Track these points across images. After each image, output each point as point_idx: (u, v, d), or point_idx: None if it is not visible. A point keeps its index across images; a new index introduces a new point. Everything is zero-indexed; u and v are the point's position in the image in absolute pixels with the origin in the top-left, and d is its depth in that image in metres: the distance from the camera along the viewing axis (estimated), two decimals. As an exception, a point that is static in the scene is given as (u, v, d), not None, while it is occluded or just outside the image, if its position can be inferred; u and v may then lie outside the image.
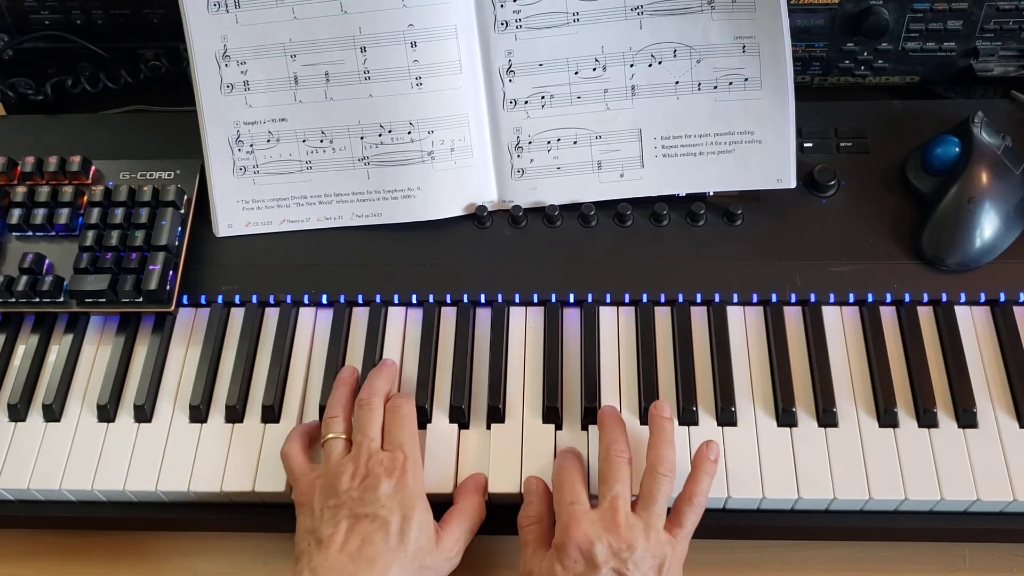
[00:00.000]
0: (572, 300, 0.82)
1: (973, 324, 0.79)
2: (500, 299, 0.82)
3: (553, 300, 0.81)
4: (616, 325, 0.81)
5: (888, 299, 0.80)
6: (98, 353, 0.82)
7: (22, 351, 0.81)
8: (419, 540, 0.67)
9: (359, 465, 0.69)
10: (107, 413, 0.78)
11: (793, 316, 0.80)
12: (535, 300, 0.82)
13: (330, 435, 0.72)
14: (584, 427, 0.76)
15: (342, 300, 0.83)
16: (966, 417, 0.74)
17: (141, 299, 0.81)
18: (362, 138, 0.83)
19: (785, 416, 0.75)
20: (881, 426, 0.75)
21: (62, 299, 0.81)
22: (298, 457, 0.73)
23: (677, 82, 0.82)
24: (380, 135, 0.83)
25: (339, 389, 0.76)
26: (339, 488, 0.68)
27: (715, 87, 0.82)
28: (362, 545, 0.65)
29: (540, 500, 0.71)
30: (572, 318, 0.81)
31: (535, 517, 0.71)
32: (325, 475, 0.70)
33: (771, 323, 0.80)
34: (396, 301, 0.82)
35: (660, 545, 0.66)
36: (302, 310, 0.83)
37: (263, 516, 0.76)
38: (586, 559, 0.65)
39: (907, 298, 0.80)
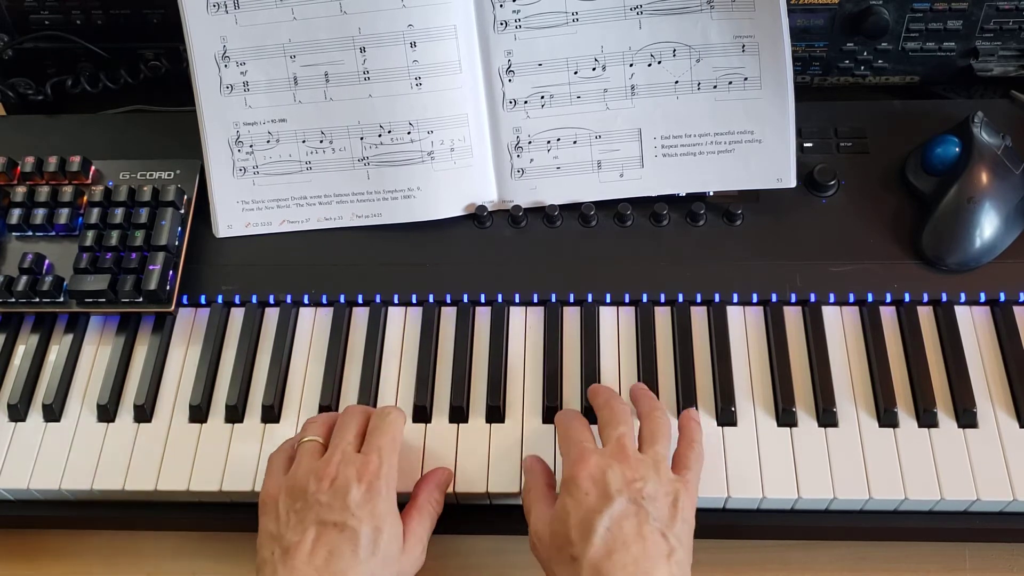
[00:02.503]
0: (572, 300, 0.82)
1: (973, 324, 0.79)
2: (500, 299, 0.82)
3: (553, 300, 0.81)
4: (616, 325, 0.81)
5: (888, 299, 0.80)
6: (98, 353, 0.82)
7: (22, 351, 0.81)
8: (389, 550, 0.64)
9: (330, 466, 0.65)
10: (107, 413, 0.78)
11: (793, 316, 0.80)
12: (535, 300, 0.82)
13: (306, 438, 0.69)
14: (584, 427, 0.76)
15: (342, 300, 0.83)
16: (966, 417, 0.74)
17: (141, 299, 0.81)
18: (362, 138, 0.84)
19: (785, 416, 0.75)
20: (881, 426, 0.75)
21: (62, 299, 0.81)
22: (278, 459, 0.70)
23: (677, 82, 0.82)
24: (380, 135, 0.83)
25: (333, 413, 0.74)
26: (307, 489, 0.65)
27: (715, 87, 0.82)
28: (330, 557, 0.62)
29: (540, 466, 0.71)
30: (572, 318, 0.81)
31: (535, 481, 0.70)
32: (293, 475, 0.66)
33: (771, 323, 0.80)
34: (396, 301, 0.83)
35: (671, 482, 0.65)
36: (302, 310, 0.83)
37: (263, 516, 0.76)
38: (599, 488, 0.63)
39: (907, 298, 0.80)
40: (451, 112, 0.83)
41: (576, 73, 0.82)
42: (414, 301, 0.82)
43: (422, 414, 0.77)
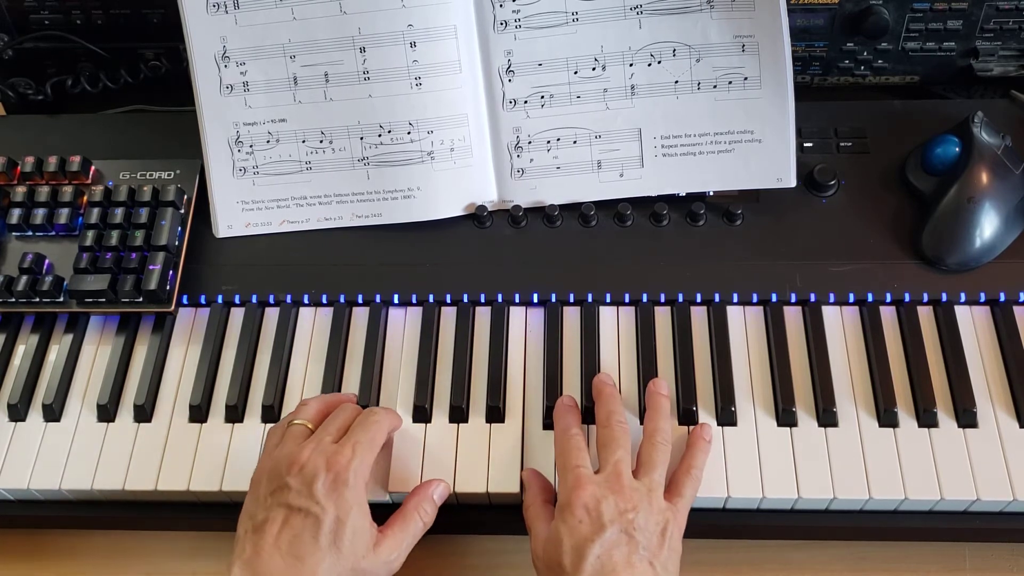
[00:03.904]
0: (572, 300, 0.82)
1: (973, 324, 0.79)
2: (500, 299, 0.82)
3: (553, 300, 0.81)
4: (616, 325, 0.81)
5: (888, 299, 0.80)
6: (98, 353, 0.82)
7: (22, 351, 0.81)
8: (353, 543, 0.65)
9: (303, 452, 0.67)
10: (107, 413, 0.78)
11: (793, 316, 0.80)
12: (535, 300, 0.82)
13: (296, 420, 0.71)
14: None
15: (342, 300, 0.83)
16: (966, 417, 0.74)
17: (141, 299, 0.81)
18: (362, 138, 0.84)
19: (785, 416, 0.75)
20: (881, 426, 0.75)
21: (62, 299, 0.81)
22: (275, 435, 0.71)
23: (676, 81, 0.82)
24: (380, 135, 0.83)
25: (331, 395, 0.75)
26: (281, 473, 0.66)
27: (715, 86, 0.82)
28: (293, 540, 0.64)
29: (538, 481, 0.72)
30: (572, 318, 0.81)
31: (533, 498, 0.71)
32: (275, 456, 0.68)
33: (771, 323, 0.80)
34: (396, 301, 0.82)
35: (662, 510, 0.67)
36: (302, 310, 0.83)
37: (263, 516, 0.76)
38: (592, 518, 0.65)
39: (907, 298, 0.80)
40: (451, 112, 0.83)
41: (576, 73, 0.82)
42: (414, 301, 0.82)
43: (422, 414, 0.77)
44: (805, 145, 0.87)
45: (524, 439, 0.76)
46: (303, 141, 0.84)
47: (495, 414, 0.76)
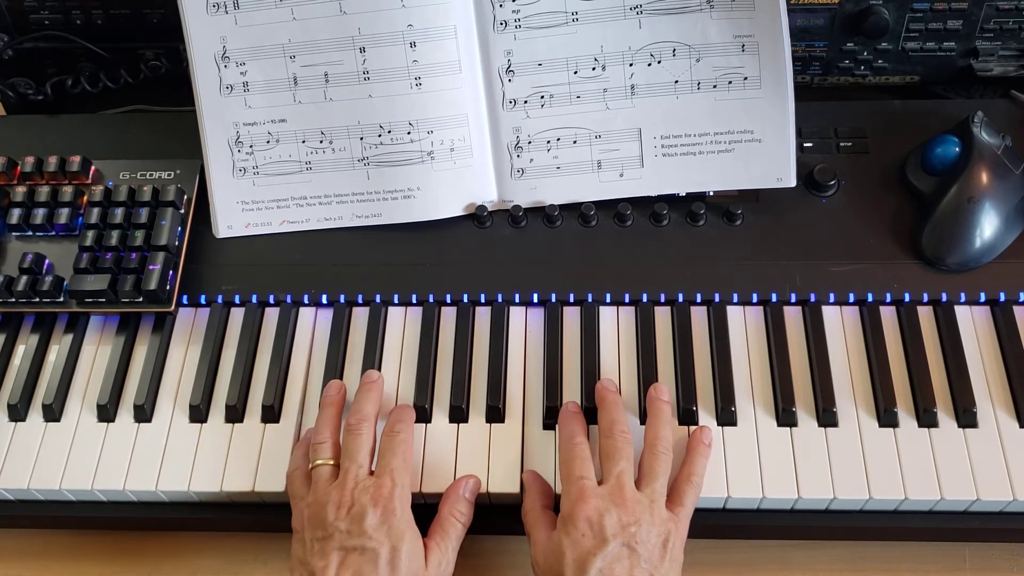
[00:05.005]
0: (572, 300, 0.82)
1: (973, 324, 0.79)
2: (500, 299, 0.82)
3: (553, 300, 0.81)
4: (616, 325, 0.81)
5: (888, 299, 0.80)
6: (98, 353, 0.82)
7: (22, 351, 0.81)
8: (410, 566, 0.67)
9: (345, 494, 0.68)
10: (107, 413, 0.78)
11: (793, 316, 0.80)
12: (535, 300, 0.82)
13: (318, 461, 0.71)
14: (584, 427, 0.76)
15: (342, 300, 0.83)
16: (966, 417, 0.74)
17: (141, 299, 0.81)
18: (362, 138, 0.84)
19: (785, 416, 0.75)
20: (881, 426, 0.75)
21: (62, 299, 0.81)
22: (297, 481, 0.72)
23: (676, 81, 0.82)
24: (380, 135, 0.83)
25: (326, 411, 0.75)
26: (326, 519, 0.67)
27: (714, 86, 0.82)
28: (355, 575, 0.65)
29: (537, 484, 0.73)
30: (572, 318, 0.81)
31: (532, 503, 0.71)
32: (312, 504, 0.69)
33: (771, 323, 0.80)
34: (396, 301, 0.83)
35: (663, 521, 0.67)
36: (302, 310, 0.83)
37: (263, 516, 0.76)
38: (595, 532, 0.65)
39: (907, 298, 0.80)
40: (451, 112, 0.83)
41: (576, 73, 0.82)
42: (414, 301, 0.82)
43: (422, 414, 0.77)
44: (805, 145, 0.87)
45: (524, 439, 0.76)
46: (303, 141, 0.84)
47: (495, 414, 0.76)
